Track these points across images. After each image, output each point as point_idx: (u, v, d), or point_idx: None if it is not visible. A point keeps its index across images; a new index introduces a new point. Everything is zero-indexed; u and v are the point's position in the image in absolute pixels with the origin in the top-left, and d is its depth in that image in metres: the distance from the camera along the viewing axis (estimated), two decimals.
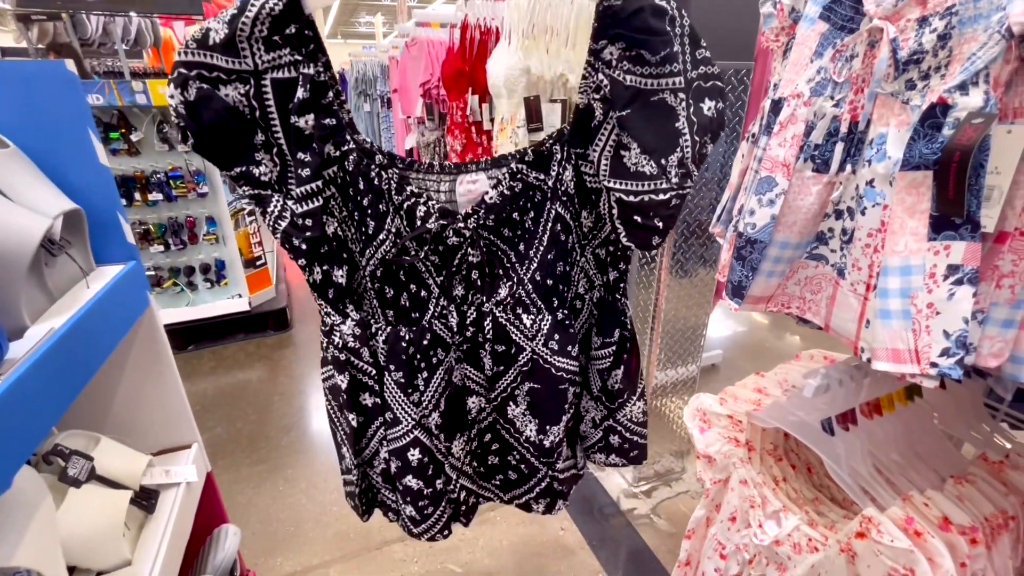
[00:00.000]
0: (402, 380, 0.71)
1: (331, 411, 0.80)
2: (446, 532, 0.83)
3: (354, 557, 1.41)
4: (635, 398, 0.80)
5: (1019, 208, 0.48)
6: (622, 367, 0.77)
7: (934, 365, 0.49)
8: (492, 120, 1.64)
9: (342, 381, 0.73)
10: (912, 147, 0.48)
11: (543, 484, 0.83)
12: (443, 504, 0.80)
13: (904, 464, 0.78)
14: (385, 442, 0.76)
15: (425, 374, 0.72)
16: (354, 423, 0.75)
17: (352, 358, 0.73)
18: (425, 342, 0.70)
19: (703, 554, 1.02)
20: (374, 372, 0.73)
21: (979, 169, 0.45)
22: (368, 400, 0.75)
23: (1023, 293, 0.51)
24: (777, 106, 0.63)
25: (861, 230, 0.57)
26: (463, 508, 0.84)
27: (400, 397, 0.72)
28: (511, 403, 0.75)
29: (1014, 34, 0.42)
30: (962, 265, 0.47)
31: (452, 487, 0.80)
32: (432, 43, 2.38)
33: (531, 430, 0.75)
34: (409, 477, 0.75)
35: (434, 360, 0.72)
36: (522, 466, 0.82)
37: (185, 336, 2.51)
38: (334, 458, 1.85)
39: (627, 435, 0.82)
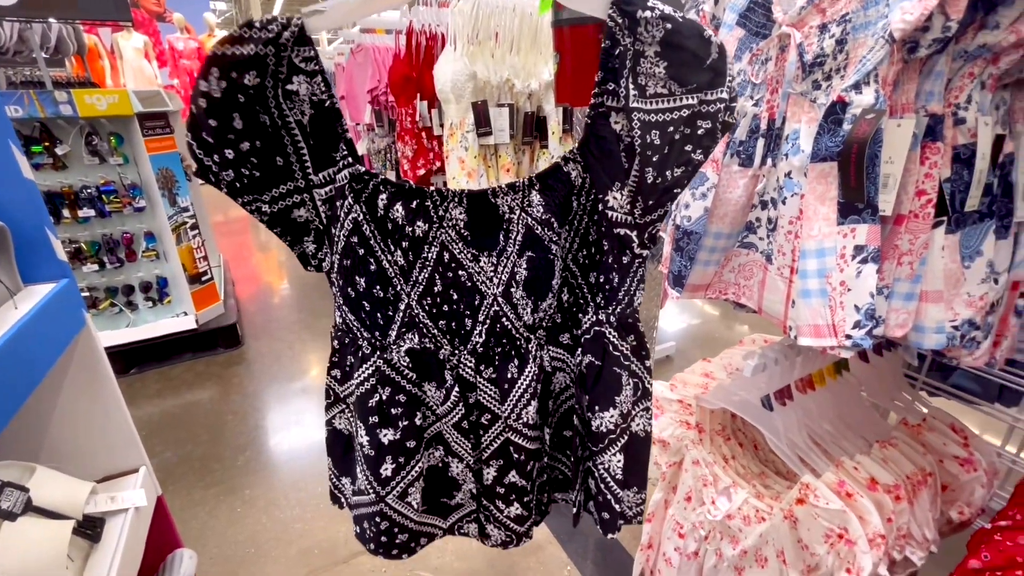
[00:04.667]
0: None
1: (360, 428, 0.65)
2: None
3: (321, 573, 1.38)
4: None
5: (912, 193, 0.54)
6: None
7: (848, 337, 0.54)
8: (442, 125, 1.65)
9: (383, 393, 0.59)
10: (819, 141, 0.54)
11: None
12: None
13: (836, 433, 0.85)
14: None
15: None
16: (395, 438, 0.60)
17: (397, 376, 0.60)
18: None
19: (663, 535, 1.06)
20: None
21: (874, 159, 0.50)
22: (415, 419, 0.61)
23: (920, 268, 0.57)
24: None
25: (783, 218, 0.62)
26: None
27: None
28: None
29: (895, 39, 0.47)
30: (866, 245, 0.53)
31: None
32: (378, 49, 2.37)
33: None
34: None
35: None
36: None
37: (127, 359, 2.37)
38: (294, 474, 1.79)
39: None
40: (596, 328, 0.57)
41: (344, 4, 0.51)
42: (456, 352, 0.59)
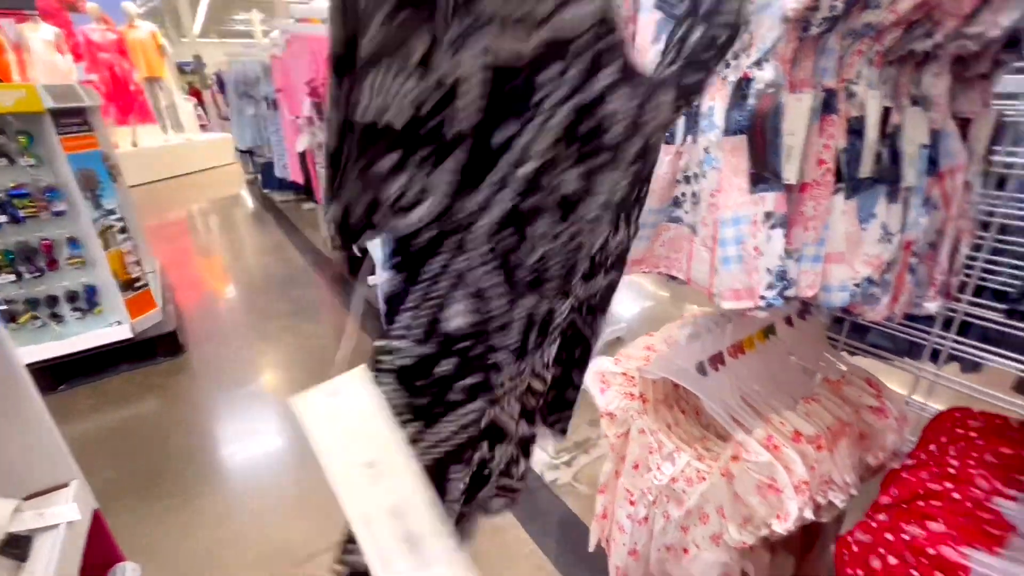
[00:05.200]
0: None
1: None
2: None
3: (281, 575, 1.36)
4: None
5: (813, 162, 0.59)
6: None
7: (763, 298, 0.59)
8: None
9: None
10: (730, 116, 0.57)
11: None
12: None
13: (765, 393, 0.91)
14: None
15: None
16: None
17: None
18: None
19: (615, 504, 1.11)
20: None
21: (777, 131, 0.54)
22: None
23: (824, 232, 0.62)
24: None
25: (704, 192, 0.66)
26: None
27: None
28: None
29: (789, 18, 0.51)
30: (774, 211, 0.57)
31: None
32: (315, 39, 2.29)
33: None
34: None
35: None
36: None
37: (55, 374, 2.21)
38: (247, 482, 1.74)
39: None
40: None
41: None
42: None
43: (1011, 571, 0.58)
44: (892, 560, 0.65)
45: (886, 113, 0.60)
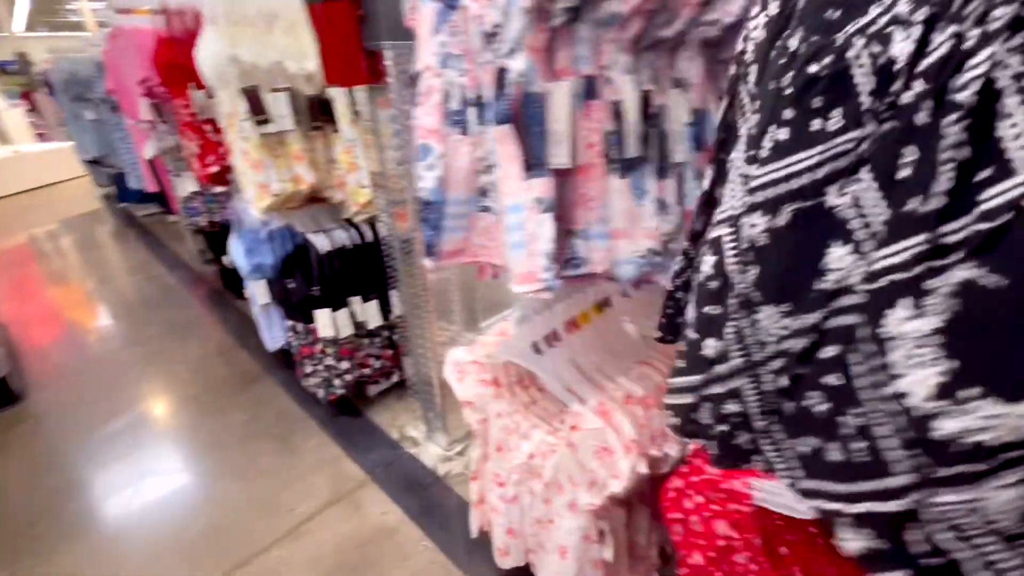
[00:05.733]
0: (754, 130, 0.38)
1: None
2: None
3: None
4: None
5: (584, 146, 0.63)
6: None
7: (543, 280, 0.62)
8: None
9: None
10: (496, 106, 0.59)
11: (893, 504, 0.42)
12: (700, 374, 0.45)
13: (601, 363, 0.97)
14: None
15: (783, 135, 0.35)
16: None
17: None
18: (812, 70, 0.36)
19: (487, 489, 1.13)
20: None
21: (536, 119, 0.57)
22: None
23: (606, 211, 0.66)
24: (415, 79, 0.70)
25: (497, 180, 0.67)
26: (722, 433, 0.47)
27: (738, 161, 0.42)
28: (905, 302, 0.28)
29: (528, 9, 0.53)
30: (543, 197, 0.60)
31: (726, 373, 0.42)
32: (141, 33, 2.05)
33: (921, 382, 0.31)
34: (690, 297, 0.48)
35: (817, 123, 0.34)
36: (857, 446, 0.32)
37: None
38: (109, 536, 1.54)
39: None
40: None
41: None
42: None
43: (783, 490, 0.67)
44: (699, 499, 0.72)
45: (647, 96, 0.65)
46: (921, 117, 0.25)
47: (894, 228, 0.26)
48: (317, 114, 1.44)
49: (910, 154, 0.26)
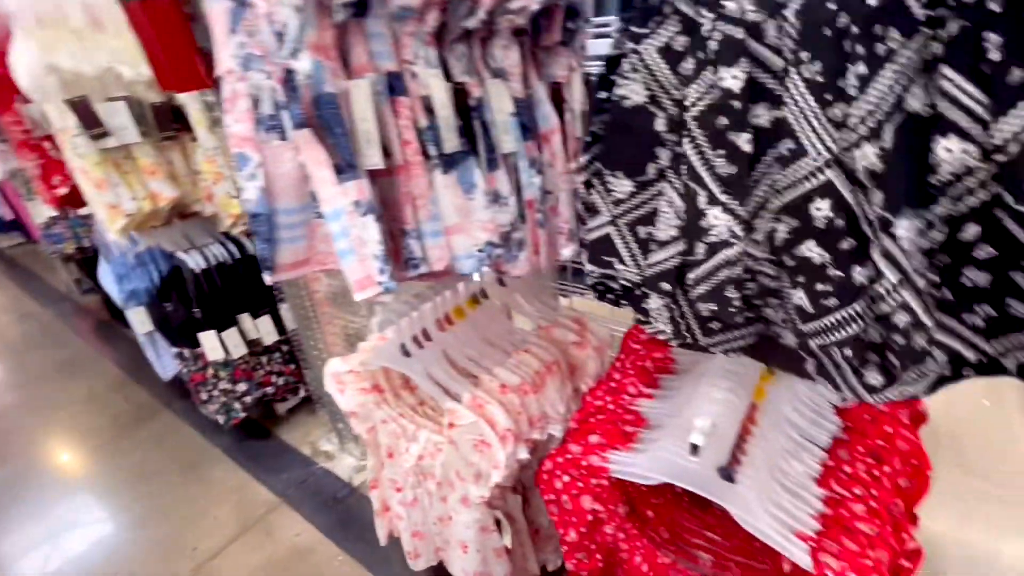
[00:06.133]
0: (819, 77, 0.40)
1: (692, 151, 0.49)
2: (852, 357, 0.48)
3: None
4: None
5: (400, 144, 0.61)
6: None
7: (380, 284, 0.60)
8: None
9: (735, 78, 0.44)
10: (291, 109, 0.56)
11: None
12: (856, 305, 0.45)
13: (478, 355, 0.97)
14: (777, 192, 0.46)
15: (863, 68, 0.37)
16: (748, 148, 0.46)
17: (751, 39, 0.43)
18: (872, 3, 0.36)
19: (388, 496, 1.12)
20: (779, 65, 0.43)
21: (334, 120, 0.54)
22: (764, 116, 0.45)
23: (435, 208, 0.65)
24: (218, 84, 0.65)
25: (315, 187, 0.64)
26: (898, 345, 0.45)
27: (812, 109, 0.42)
28: None
29: (299, 7, 0.51)
30: (360, 200, 0.58)
31: (885, 291, 0.42)
32: None
33: None
34: (809, 244, 0.45)
35: (882, 47, 0.36)
36: None
37: None
38: None
39: None
40: None
41: None
42: None
43: (635, 460, 0.70)
44: (566, 478, 0.74)
45: (463, 89, 0.64)
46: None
47: (1002, 99, 0.31)
48: (168, 123, 1.33)
49: (994, 43, 0.30)
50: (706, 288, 0.51)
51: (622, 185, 0.50)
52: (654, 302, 0.53)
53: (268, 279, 0.72)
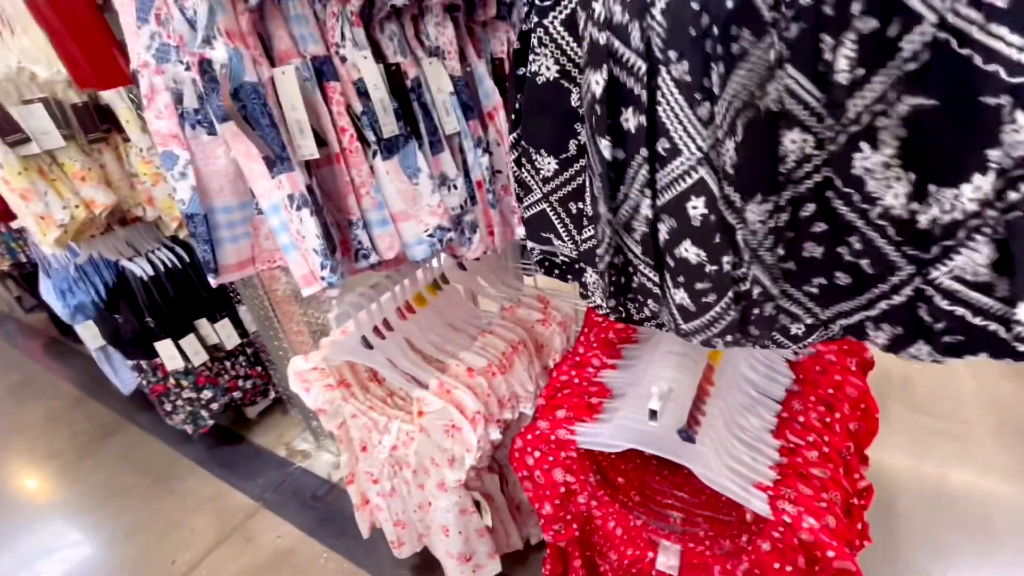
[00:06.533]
0: (687, 77, 0.41)
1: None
2: (727, 338, 0.51)
3: None
4: None
5: (334, 132, 0.59)
6: None
7: (323, 279, 0.59)
8: None
9: (598, 83, 0.44)
10: (210, 102, 0.53)
11: (898, 297, 0.45)
12: (728, 294, 0.48)
13: (442, 341, 0.97)
14: (651, 193, 0.47)
15: (722, 68, 0.39)
16: (608, 156, 0.46)
17: (616, 42, 0.43)
18: (729, 5, 0.37)
19: (366, 488, 1.11)
20: (643, 68, 0.43)
21: (258, 110, 0.52)
22: (631, 120, 0.45)
23: (379, 195, 0.63)
24: (135, 78, 0.61)
25: (249, 181, 0.62)
26: (753, 315, 0.50)
27: (681, 109, 0.42)
28: (864, 144, 0.38)
29: None
30: (293, 193, 0.56)
31: (742, 273, 0.47)
32: None
33: (896, 195, 0.39)
34: (686, 244, 0.47)
35: (736, 47, 0.38)
36: (865, 262, 0.44)
37: None
38: None
39: None
40: None
41: None
42: None
43: (600, 429, 0.71)
44: (537, 454, 0.75)
45: (397, 69, 0.62)
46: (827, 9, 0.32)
47: (831, 101, 0.35)
48: (94, 124, 1.25)
49: (826, 44, 0.33)
50: (601, 268, 0.53)
51: (547, 163, 0.50)
52: (591, 276, 0.53)
53: (213, 282, 0.69)
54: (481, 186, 0.74)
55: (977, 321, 0.38)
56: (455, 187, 0.70)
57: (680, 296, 0.48)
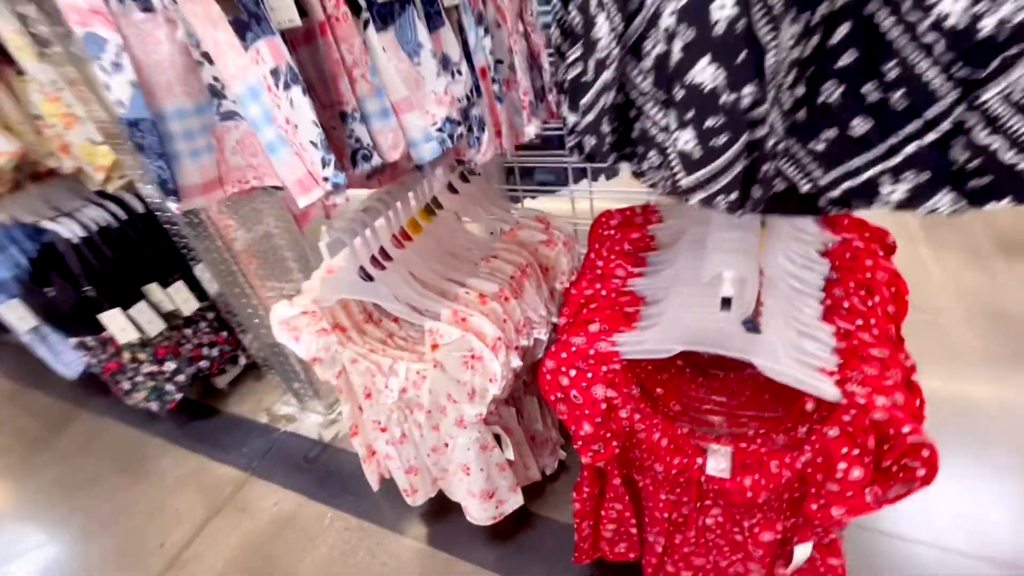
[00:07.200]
0: None
1: None
2: (729, 198, 0.43)
3: None
4: None
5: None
6: None
7: (327, 179, 0.48)
8: None
9: None
10: None
11: (932, 135, 0.38)
12: (743, 138, 0.41)
13: (445, 270, 0.87)
14: None
15: None
16: None
17: None
18: None
19: (372, 439, 1.04)
20: None
21: None
22: None
23: (376, 79, 0.52)
24: None
25: (214, 58, 0.49)
26: (761, 172, 0.43)
27: None
28: None
29: None
30: (277, 66, 0.44)
31: (762, 113, 0.39)
32: None
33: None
34: (702, 63, 0.39)
35: None
36: (899, 94, 0.37)
37: None
38: None
39: None
40: None
41: None
42: None
43: (643, 337, 0.66)
44: (573, 372, 0.69)
45: None
46: None
47: None
48: None
49: None
50: (590, 119, 0.47)
51: None
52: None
53: (176, 207, 0.57)
54: (485, 74, 0.63)
55: (1010, 157, 0.35)
56: (459, 72, 0.59)
57: (685, 139, 0.42)
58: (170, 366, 1.46)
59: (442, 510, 1.18)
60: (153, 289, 1.37)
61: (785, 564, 0.76)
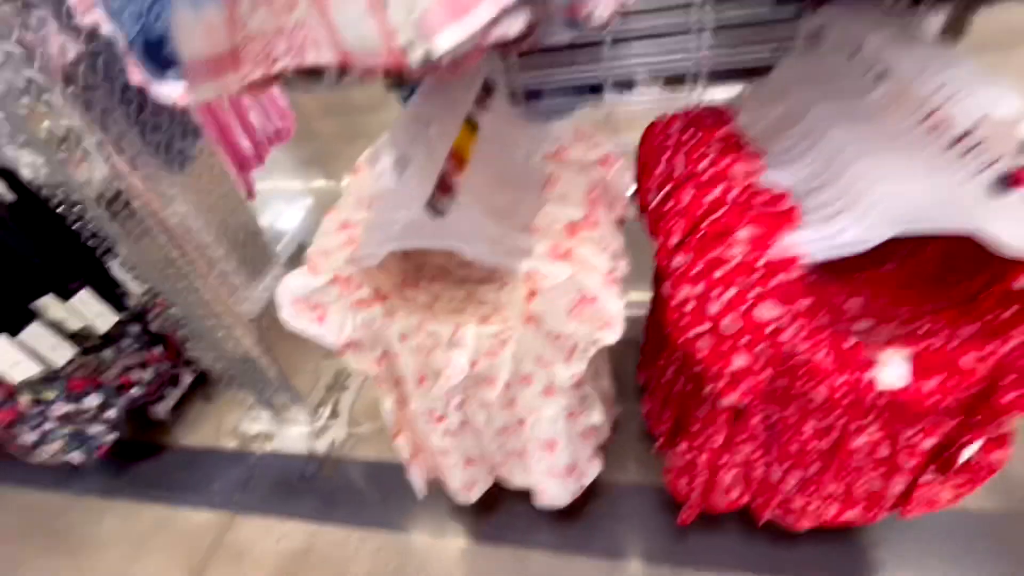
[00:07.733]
0: None
1: None
2: None
3: None
4: None
5: None
6: None
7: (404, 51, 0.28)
8: None
9: None
10: None
11: None
12: None
13: (510, 199, 0.68)
14: None
15: None
16: None
17: None
18: None
19: (422, 435, 0.83)
20: None
21: None
22: None
23: None
24: None
25: None
26: None
27: None
28: None
29: None
30: None
31: None
32: None
33: None
34: None
35: None
36: None
37: None
38: None
39: None
40: None
41: None
42: None
43: (827, 230, 0.53)
44: (729, 294, 0.55)
45: None
46: None
47: None
48: None
49: None
50: None
51: None
52: None
53: (178, 95, 0.33)
54: None
55: None
56: None
57: None
58: (92, 401, 1.11)
59: (488, 501, 0.99)
60: (49, 304, 1.01)
61: (938, 469, 0.69)
